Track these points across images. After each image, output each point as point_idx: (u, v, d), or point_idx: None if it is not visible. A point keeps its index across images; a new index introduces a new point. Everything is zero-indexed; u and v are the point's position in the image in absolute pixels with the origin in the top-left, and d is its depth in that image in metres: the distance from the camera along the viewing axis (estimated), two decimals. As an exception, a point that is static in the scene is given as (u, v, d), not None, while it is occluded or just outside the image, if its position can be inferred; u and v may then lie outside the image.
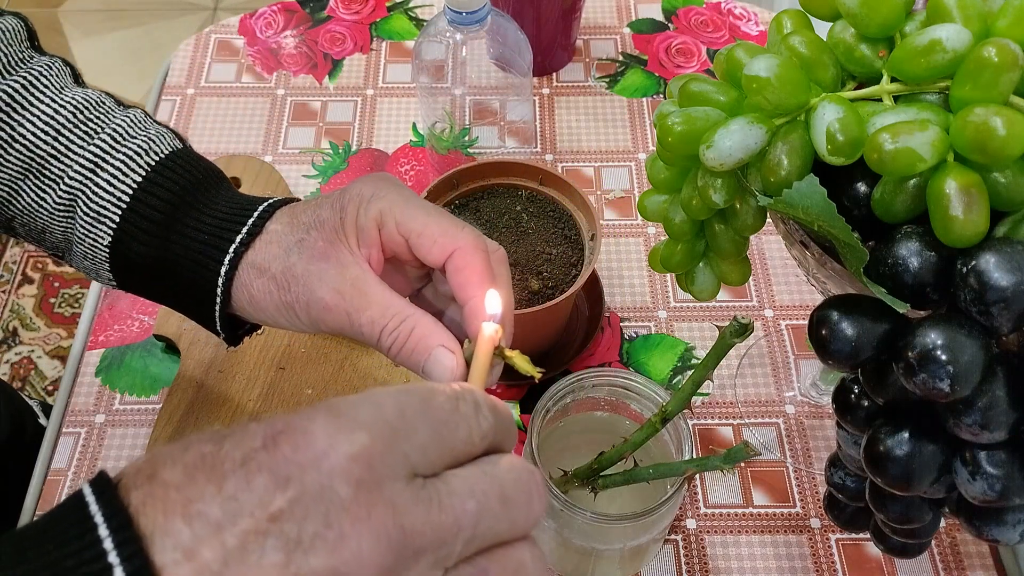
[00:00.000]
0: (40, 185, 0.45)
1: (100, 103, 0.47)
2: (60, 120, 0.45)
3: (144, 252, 0.44)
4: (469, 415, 0.28)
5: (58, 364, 1.53)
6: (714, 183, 0.40)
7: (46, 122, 0.45)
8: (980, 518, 0.37)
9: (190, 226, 0.44)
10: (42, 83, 0.46)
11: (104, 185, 0.44)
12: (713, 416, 0.63)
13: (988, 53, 0.32)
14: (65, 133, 0.45)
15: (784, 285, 0.69)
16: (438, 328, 0.39)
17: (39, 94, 0.46)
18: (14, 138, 0.45)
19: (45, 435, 0.63)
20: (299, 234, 0.41)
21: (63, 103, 0.46)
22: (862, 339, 0.35)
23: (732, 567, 0.57)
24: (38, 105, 0.45)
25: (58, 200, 0.45)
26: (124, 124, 0.46)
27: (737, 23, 0.86)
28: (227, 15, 2.03)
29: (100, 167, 0.44)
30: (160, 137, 0.46)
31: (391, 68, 0.84)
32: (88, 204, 0.44)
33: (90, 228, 0.45)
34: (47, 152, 0.45)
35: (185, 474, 0.24)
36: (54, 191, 0.45)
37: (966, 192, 0.33)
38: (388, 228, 0.40)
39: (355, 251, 0.40)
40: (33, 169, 0.45)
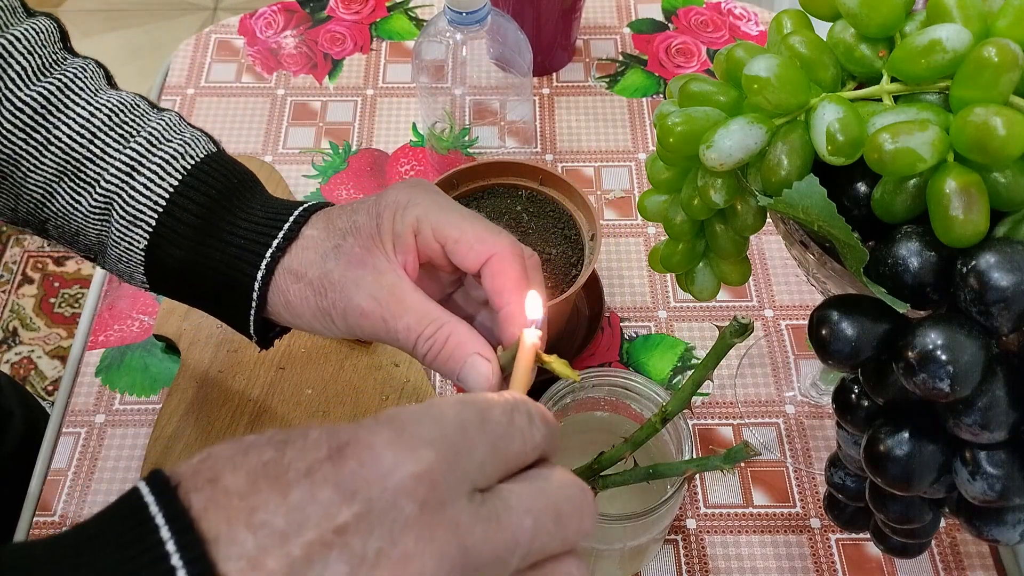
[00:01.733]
0: (76, 188, 0.45)
1: (135, 106, 0.47)
2: (96, 123, 0.45)
3: (180, 256, 0.44)
4: (524, 427, 0.28)
5: (58, 364, 1.53)
6: (714, 183, 0.40)
7: (82, 125, 0.45)
8: (980, 518, 0.37)
9: (226, 230, 0.44)
10: (77, 86, 0.46)
11: (140, 189, 0.44)
12: (713, 416, 0.63)
13: (988, 53, 0.32)
14: (101, 136, 0.45)
15: (784, 285, 0.69)
16: (474, 336, 0.39)
17: (75, 97, 0.46)
18: (50, 140, 0.45)
19: (45, 435, 0.63)
20: (336, 240, 0.41)
21: (98, 106, 0.46)
22: (862, 339, 0.35)
23: (732, 567, 0.57)
24: (73, 108, 0.45)
25: (94, 204, 0.45)
26: (160, 128, 0.46)
27: (737, 23, 0.86)
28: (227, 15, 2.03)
29: (136, 171, 0.44)
30: (195, 140, 0.46)
31: (391, 68, 0.84)
32: (124, 208, 0.44)
33: (126, 232, 0.45)
34: (83, 155, 0.45)
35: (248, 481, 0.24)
36: (90, 194, 0.45)
37: (966, 192, 0.33)
38: (424, 234, 0.40)
39: (391, 257, 0.41)
40: (68, 172, 0.45)
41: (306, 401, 0.62)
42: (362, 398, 0.62)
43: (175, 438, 0.60)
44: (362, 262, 0.40)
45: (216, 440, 0.60)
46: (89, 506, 0.59)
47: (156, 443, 0.60)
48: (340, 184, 0.75)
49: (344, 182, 0.75)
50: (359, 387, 0.63)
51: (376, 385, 0.63)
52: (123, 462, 0.61)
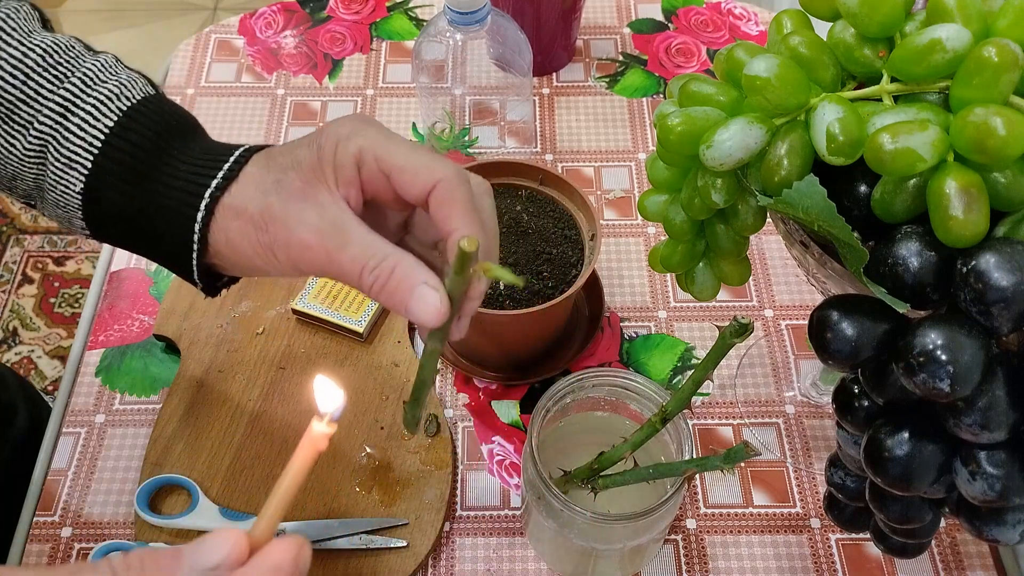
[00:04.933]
0: (9, 131, 0.44)
1: (70, 47, 0.45)
2: (28, 63, 0.44)
3: (117, 199, 0.43)
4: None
5: (58, 364, 1.53)
6: (714, 183, 0.40)
7: (14, 65, 0.44)
8: (980, 518, 0.37)
9: (165, 172, 0.43)
10: (9, 26, 0.45)
11: (75, 130, 0.43)
12: (713, 416, 0.63)
13: (988, 53, 0.32)
14: (34, 77, 0.44)
15: (784, 285, 0.69)
16: (420, 266, 0.38)
17: (6, 36, 0.44)
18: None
19: (45, 435, 0.63)
20: (276, 174, 0.40)
21: (31, 46, 0.44)
22: (862, 339, 0.35)
23: (732, 567, 0.57)
24: (5, 48, 0.44)
25: (28, 146, 0.44)
26: (95, 68, 0.45)
27: (737, 23, 0.86)
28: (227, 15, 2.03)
29: (71, 111, 0.43)
30: (132, 82, 0.45)
31: (391, 68, 0.84)
32: (58, 150, 0.43)
33: (61, 175, 0.44)
34: (15, 97, 0.44)
35: None
36: (23, 137, 0.44)
37: (966, 192, 0.33)
38: (368, 165, 0.39)
39: (333, 190, 0.39)
40: (1, 115, 0.44)
41: (306, 401, 0.62)
42: (362, 398, 0.62)
43: (175, 438, 0.60)
44: (304, 195, 0.39)
45: (215, 440, 0.60)
46: (89, 506, 0.59)
47: (156, 443, 0.60)
48: (340, 184, 0.75)
49: (344, 182, 0.75)
50: (359, 387, 0.63)
51: (376, 385, 0.63)
52: (123, 462, 0.61)
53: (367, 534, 0.56)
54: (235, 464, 0.59)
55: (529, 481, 0.50)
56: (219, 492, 0.58)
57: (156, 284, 0.69)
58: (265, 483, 0.59)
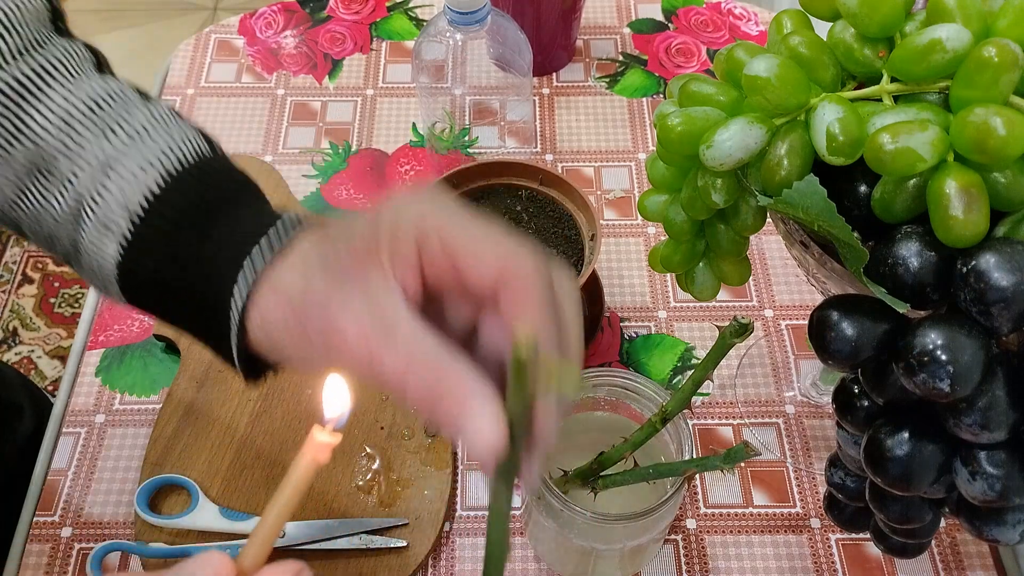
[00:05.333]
0: (47, 186, 0.40)
1: (121, 95, 0.41)
2: (74, 113, 0.40)
3: (156, 268, 0.39)
4: None
5: (58, 364, 1.53)
6: (714, 183, 0.40)
7: (58, 115, 0.40)
8: (980, 518, 0.37)
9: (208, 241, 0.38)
10: (59, 71, 0.41)
11: (115, 191, 0.39)
12: (713, 416, 0.63)
13: (988, 53, 0.32)
14: (77, 128, 0.40)
15: (784, 285, 0.69)
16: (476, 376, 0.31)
17: (53, 83, 0.40)
18: (20, 130, 0.39)
19: (45, 435, 0.63)
20: (326, 249, 0.35)
21: (79, 95, 0.40)
22: (862, 339, 0.35)
23: (732, 567, 0.57)
24: (50, 96, 0.40)
25: (67, 205, 0.40)
26: (145, 122, 0.41)
27: (737, 23, 0.86)
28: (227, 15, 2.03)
29: (113, 169, 0.39)
30: (185, 140, 0.40)
31: (391, 68, 0.84)
32: (95, 211, 0.39)
33: (96, 239, 0.39)
34: (56, 149, 0.39)
35: None
36: (62, 194, 0.40)
37: (966, 192, 0.33)
38: (431, 247, 0.32)
39: (388, 274, 0.32)
40: (40, 168, 0.40)
41: (306, 401, 0.62)
42: (362, 398, 0.62)
43: (175, 438, 0.60)
44: (352, 277, 0.33)
45: (216, 440, 0.60)
46: (89, 506, 0.59)
47: (156, 443, 0.60)
48: (340, 184, 0.75)
49: (344, 182, 0.75)
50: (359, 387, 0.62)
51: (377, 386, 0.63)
52: (123, 462, 0.61)
53: (367, 534, 0.56)
54: (235, 464, 0.59)
55: (529, 481, 0.50)
56: (219, 492, 0.58)
57: (156, 284, 0.69)
58: (265, 483, 0.58)
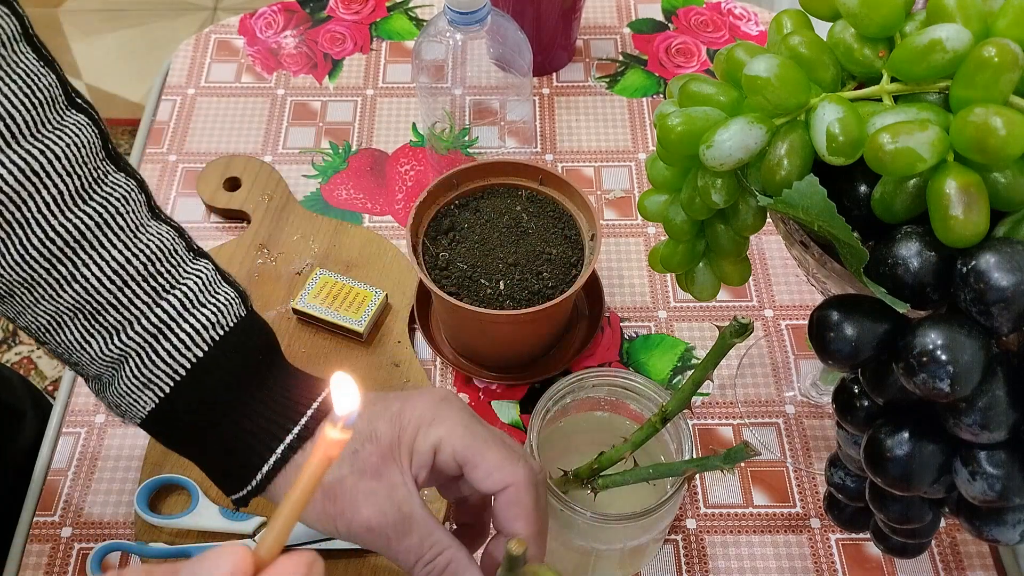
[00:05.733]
0: (90, 329, 0.42)
1: (173, 252, 0.43)
2: (130, 271, 0.42)
3: (188, 422, 0.43)
4: None
5: (58, 364, 1.53)
6: (714, 183, 0.40)
7: (115, 270, 0.41)
8: (980, 518, 0.37)
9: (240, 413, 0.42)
10: (116, 223, 0.42)
11: (163, 355, 0.42)
12: (713, 416, 0.63)
13: (988, 53, 0.32)
14: (132, 285, 0.42)
15: (784, 285, 0.69)
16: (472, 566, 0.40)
17: (111, 235, 0.41)
18: (75, 277, 0.41)
19: (45, 435, 0.63)
20: (353, 444, 0.41)
21: (136, 251, 0.42)
22: (862, 339, 0.35)
23: (732, 567, 0.57)
24: (109, 248, 0.41)
25: (108, 351, 0.42)
26: (195, 287, 0.43)
27: (737, 23, 0.86)
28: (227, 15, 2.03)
29: (163, 335, 0.42)
30: (228, 304, 0.44)
31: (391, 68, 0.84)
32: (141, 368, 0.42)
33: (135, 390, 0.42)
34: (107, 300, 0.41)
35: None
36: (105, 341, 0.42)
37: (966, 192, 0.33)
38: (444, 455, 0.41)
39: (406, 471, 0.41)
40: (86, 311, 0.41)
41: (306, 401, 0.62)
42: (362, 398, 0.62)
43: (175, 438, 0.60)
44: (378, 474, 0.40)
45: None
46: (89, 506, 0.59)
47: (156, 443, 0.60)
48: (340, 184, 0.75)
49: (344, 182, 0.75)
50: (359, 387, 0.62)
51: (376, 385, 0.63)
52: (123, 462, 0.61)
53: (367, 534, 0.56)
54: (235, 464, 0.59)
55: (529, 481, 0.50)
56: (219, 492, 0.58)
57: (156, 284, 0.69)
58: (265, 483, 0.58)
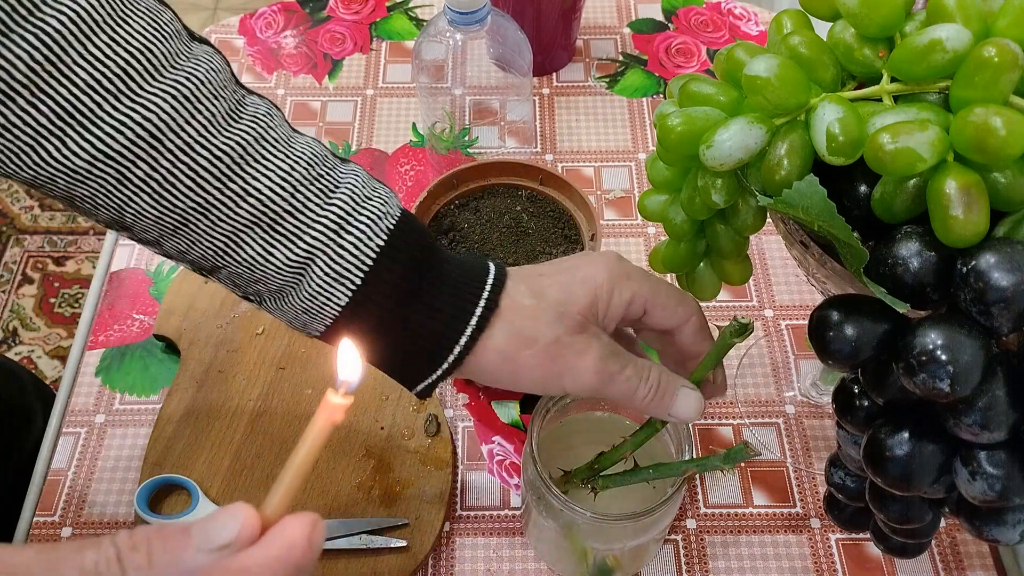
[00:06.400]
0: (269, 239, 0.43)
1: (326, 157, 0.46)
2: (296, 176, 0.43)
3: (377, 315, 0.44)
4: None
5: (58, 364, 1.53)
6: (714, 183, 0.40)
7: (283, 177, 0.43)
8: (980, 518, 0.37)
9: (427, 294, 0.44)
10: (272, 135, 0.44)
11: (349, 247, 0.43)
12: (713, 416, 0.63)
13: (988, 53, 0.32)
14: (302, 189, 0.43)
15: (784, 285, 0.69)
16: (674, 374, 0.46)
17: (269, 146, 0.44)
18: (248, 192, 0.43)
19: (45, 435, 0.63)
20: (557, 308, 0.44)
21: (296, 158, 0.44)
22: (862, 339, 0.35)
23: (732, 567, 0.57)
24: (271, 158, 0.43)
25: (291, 257, 0.43)
26: (357, 183, 0.45)
27: (737, 23, 0.86)
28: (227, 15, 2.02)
29: (344, 228, 0.43)
30: (389, 198, 0.46)
31: (391, 68, 0.84)
32: (329, 265, 0.43)
33: (324, 288, 0.43)
34: (282, 208, 0.43)
35: None
36: (289, 248, 0.43)
37: (966, 192, 0.33)
38: (635, 305, 0.45)
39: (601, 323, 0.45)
40: (263, 223, 0.43)
41: (306, 401, 0.62)
42: (362, 398, 0.62)
43: (175, 438, 0.60)
44: (584, 329, 0.44)
45: (216, 440, 0.60)
46: (89, 506, 0.59)
47: (156, 443, 0.60)
48: (340, 184, 0.75)
49: (344, 182, 0.75)
50: (359, 387, 0.62)
51: (376, 385, 0.63)
52: (123, 462, 0.61)
53: (367, 534, 0.56)
54: (235, 464, 0.59)
55: (529, 481, 0.50)
56: (219, 492, 0.58)
57: (156, 284, 0.69)
58: (265, 483, 0.58)
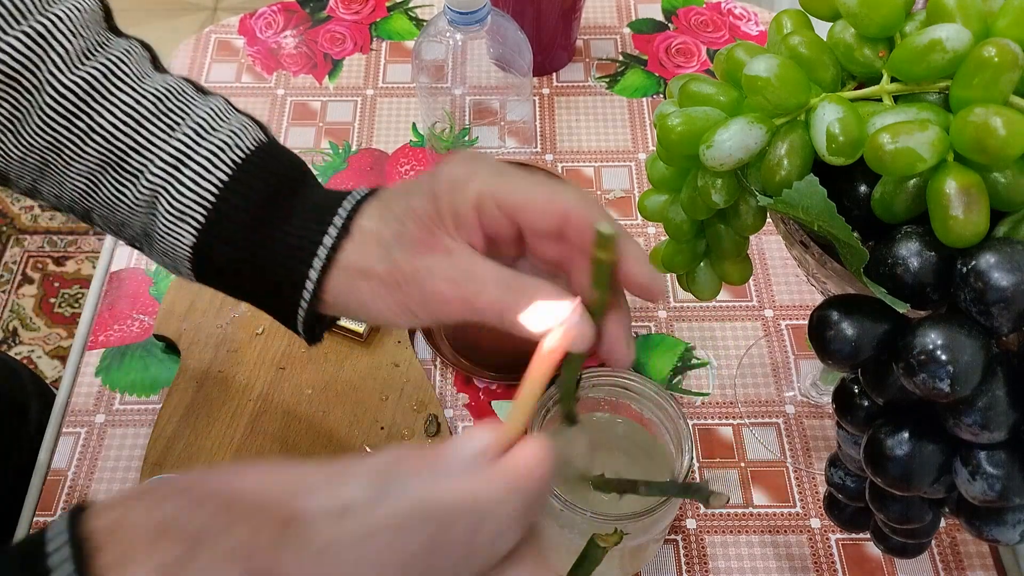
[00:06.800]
0: (119, 179, 0.43)
1: (181, 91, 0.45)
2: (141, 111, 0.43)
3: (228, 253, 0.43)
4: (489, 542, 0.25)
5: (58, 364, 1.53)
6: (714, 183, 0.40)
7: (127, 112, 0.43)
8: (980, 518, 0.37)
9: (277, 228, 0.42)
10: (122, 71, 0.44)
11: (188, 183, 0.42)
12: (713, 416, 0.63)
13: (988, 53, 0.32)
14: (146, 125, 0.43)
15: (784, 285, 0.69)
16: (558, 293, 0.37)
17: (119, 83, 0.43)
18: (93, 129, 0.43)
19: (45, 435, 0.63)
20: (395, 227, 0.40)
21: (144, 92, 0.43)
22: (862, 339, 0.35)
23: (732, 567, 0.57)
24: (118, 95, 0.43)
25: (139, 195, 0.43)
26: (207, 115, 0.44)
27: (737, 23, 0.86)
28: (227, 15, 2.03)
29: (184, 164, 0.42)
30: (244, 129, 0.44)
31: (391, 68, 0.84)
32: (171, 202, 0.42)
33: (172, 227, 0.43)
34: (127, 145, 0.43)
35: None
36: (135, 186, 0.43)
37: (966, 192, 0.33)
38: (488, 210, 0.38)
39: (456, 237, 0.39)
40: (112, 162, 0.43)
41: (306, 401, 0.62)
42: (362, 398, 0.62)
43: (175, 438, 0.60)
44: (429, 246, 0.39)
45: (216, 440, 0.60)
46: (89, 506, 0.59)
47: (156, 443, 0.60)
48: (340, 184, 0.75)
49: (344, 182, 0.75)
50: (359, 387, 0.63)
51: (376, 385, 0.63)
52: (123, 462, 0.61)
53: (367, 534, 0.56)
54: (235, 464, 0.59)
55: (529, 481, 0.50)
56: (219, 492, 0.58)
57: (156, 284, 0.69)
58: (265, 483, 0.58)
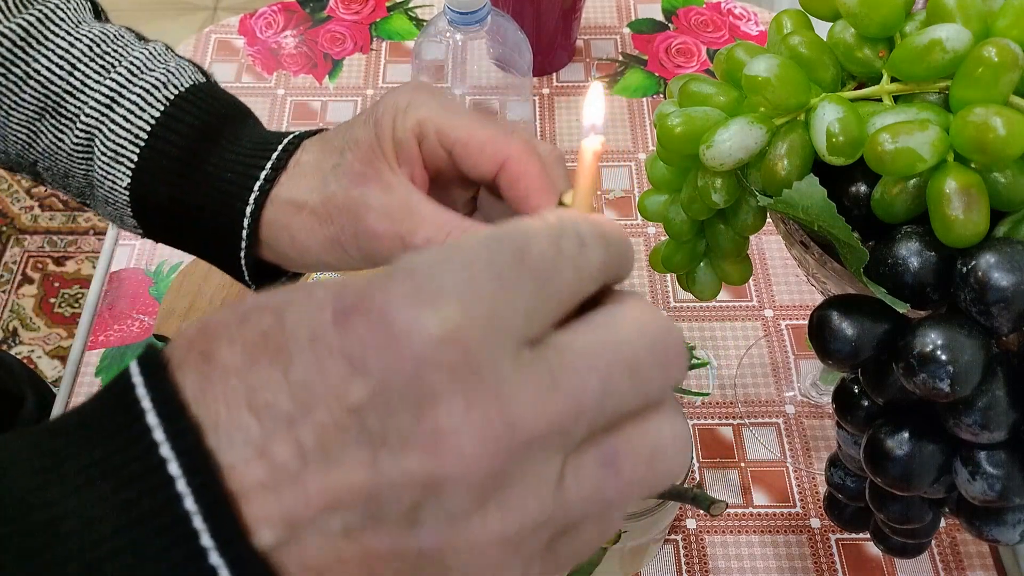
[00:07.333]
0: (57, 125, 0.43)
1: (118, 36, 0.44)
2: (75, 54, 0.43)
3: (165, 193, 0.41)
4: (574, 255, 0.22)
5: (58, 364, 1.53)
6: (714, 183, 0.40)
7: (61, 57, 0.42)
8: (980, 518, 0.37)
9: (212, 163, 0.41)
10: (59, 16, 0.43)
11: (120, 122, 0.41)
12: (713, 416, 0.63)
13: (988, 53, 0.32)
14: (80, 68, 0.42)
15: (784, 285, 0.69)
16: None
17: (55, 28, 0.43)
18: (29, 75, 0.42)
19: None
20: (333, 159, 0.38)
21: (79, 37, 0.43)
22: (862, 339, 0.35)
23: (732, 567, 0.57)
24: (53, 40, 0.43)
25: (76, 140, 0.42)
26: (143, 56, 0.43)
27: (737, 23, 0.86)
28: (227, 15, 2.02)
29: (116, 102, 0.42)
30: (180, 69, 0.43)
31: (391, 68, 0.84)
32: (104, 143, 0.42)
33: (108, 169, 0.42)
34: (62, 89, 0.42)
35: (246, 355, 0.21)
36: (71, 131, 0.42)
37: (966, 192, 0.33)
38: (429, 140, 0.36)
39: (396, 169, 0.36)
40: (49, 108, 0.43)
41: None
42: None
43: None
44: (366, 178, 0.36)
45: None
46: (89, 506, 0.59)
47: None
48: (340, 184, 0.75)
49: (344, 182, 0.75)
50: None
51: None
52: (123, 462, 0.61)
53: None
54: (235, 464, 0.59)
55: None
56: (219, 492, 0.58)
57: (156, 284, 0.69)
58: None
